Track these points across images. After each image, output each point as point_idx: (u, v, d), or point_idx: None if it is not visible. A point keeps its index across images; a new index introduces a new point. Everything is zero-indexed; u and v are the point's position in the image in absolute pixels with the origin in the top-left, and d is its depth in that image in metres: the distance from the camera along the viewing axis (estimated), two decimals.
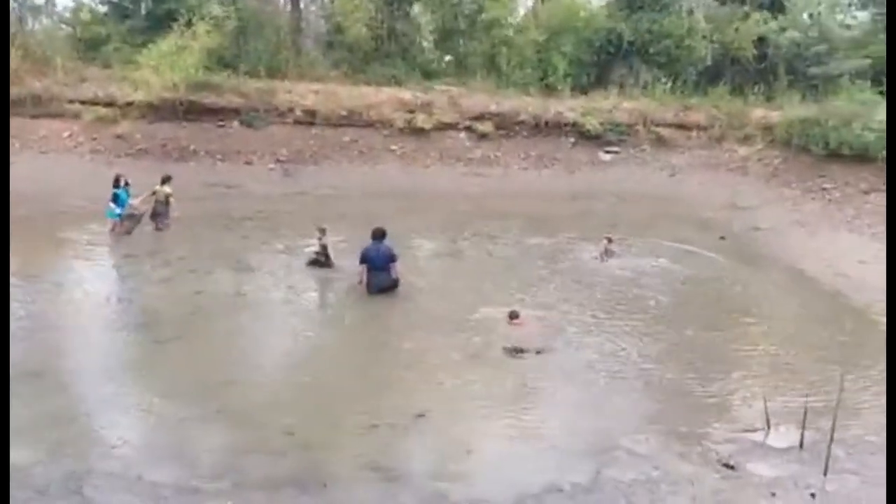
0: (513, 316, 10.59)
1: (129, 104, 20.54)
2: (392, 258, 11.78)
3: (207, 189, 18.88)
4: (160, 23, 22.23)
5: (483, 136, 23.17)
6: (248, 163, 21.04)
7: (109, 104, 20.71)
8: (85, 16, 25.03)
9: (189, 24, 21.09)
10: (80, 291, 11.67)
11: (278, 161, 21.28)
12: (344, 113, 22.50)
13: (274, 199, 18.97)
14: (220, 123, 21.72)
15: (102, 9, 25.35)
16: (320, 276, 12.80)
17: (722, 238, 16.95)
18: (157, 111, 20.89)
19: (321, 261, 12.92)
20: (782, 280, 14.35)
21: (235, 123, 21.88)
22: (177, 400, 8.06)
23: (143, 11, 24.20)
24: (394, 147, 22.49)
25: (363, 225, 15.56)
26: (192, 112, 21.30)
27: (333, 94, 22.84)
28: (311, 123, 22.31)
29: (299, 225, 13.76)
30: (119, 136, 20.41)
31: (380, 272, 11.69)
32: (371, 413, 7.88)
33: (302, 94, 22.68)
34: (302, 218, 14.51)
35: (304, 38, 27.33)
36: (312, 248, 13.12)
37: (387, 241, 11.94)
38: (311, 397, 8.42)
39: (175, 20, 21.27)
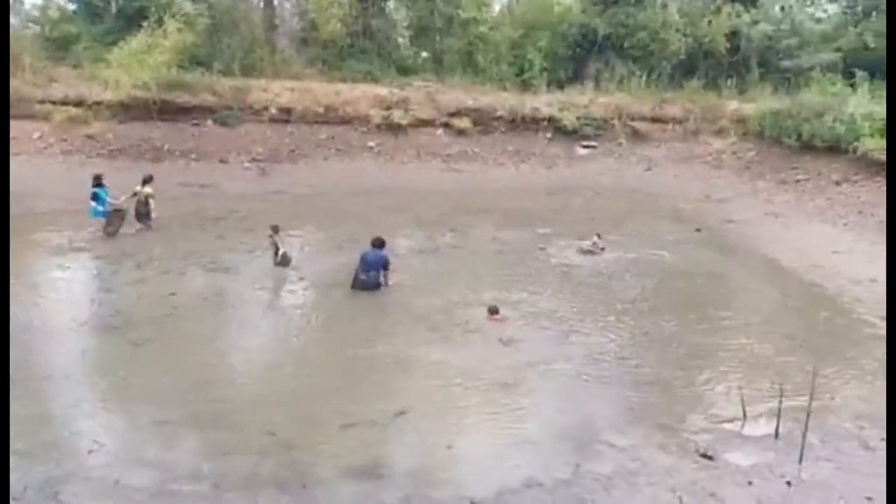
0: (492, 312, 10.63)
1: (99, 104, 20.25)
2: (385, 265, 12.14)
3: (182, 189, 18.66)
4: (131, 21, 21.91)
5: (460, 132, 23.21)
6: (223, 162, 20.84)
7: (80, 104, 20.39)
8: (54, 14, 24.61)
9: (160, 22, 20.82)
10: (55, 293, 11.53)
11: (254, 160, 21.10)
12: (320, 110, 22.39)
13: (249, 198, 18.81)
14: (195, 122, 21.50)
15: (72, 7, 24.91)
16: (295, 275, 12.73)
17: (698, 230, 17.10)
18: (130, 111, 20.61)
19: (280, 261, 12.93)
20: (758, 271, 14.51)
21: (210, 122, 21.67)
22: (154, 402, 7.97)
23: (114, 10, 23.86)
24: (371, 144, 22.41)
25: (341, 223, 15.61)
26: (165, 111, 21.05)
27: (309, 91, 22.72)
28: (287, 121, 22.18)
29: (276, 224, 13.66)
30: (90, 137, 20.12)
31: (368, 274, 12.03)
32: (351, 411, 7.86)
33: (277, 91, 22.53)
34: (278, 217, 14.41)
35: (278, 36, 27.11)
36: (270, 250, 13.15)
37: (384, 251, 12.27)
38: (291, 397, 8.37)
39: (146, 18, 20.98)
